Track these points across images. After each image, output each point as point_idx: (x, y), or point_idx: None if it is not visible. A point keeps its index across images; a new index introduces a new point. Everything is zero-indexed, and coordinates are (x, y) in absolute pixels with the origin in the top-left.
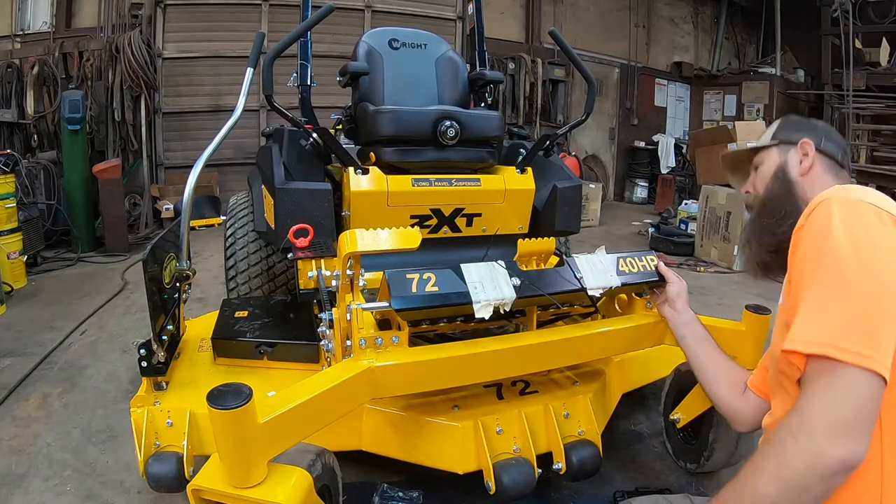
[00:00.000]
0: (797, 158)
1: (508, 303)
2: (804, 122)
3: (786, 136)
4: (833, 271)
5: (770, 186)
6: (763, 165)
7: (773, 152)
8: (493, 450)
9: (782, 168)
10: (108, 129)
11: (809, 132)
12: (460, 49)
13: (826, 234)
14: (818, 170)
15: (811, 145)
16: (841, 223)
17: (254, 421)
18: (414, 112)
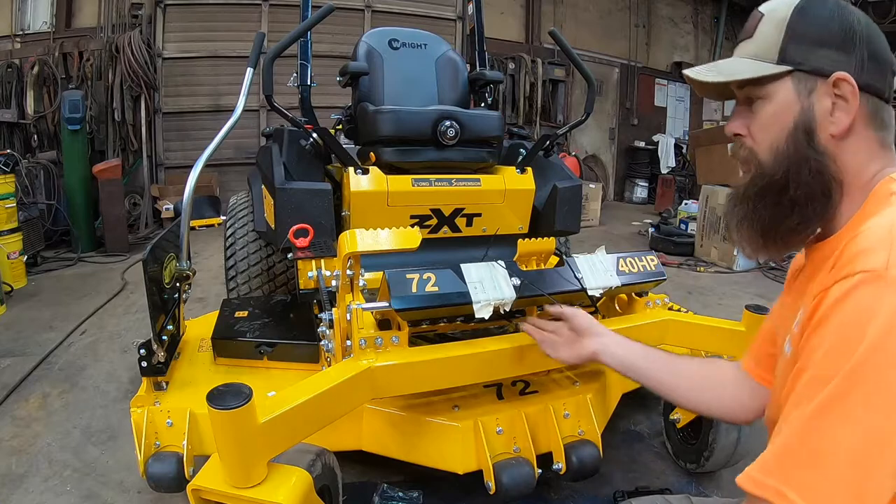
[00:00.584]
0: (827, 105)
1: (508, 303)
2: (833, 20)
3: (806, 57)
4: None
5: (779, 152)
6: (767, 106)
7: (784, 86)
8: (493, 450)
9: (804, 123)
10: (108, 129)
11: (844, 47)
12: (460, 49)
13: (865, 350)
14: (861, 126)
15: (851, 82)
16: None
17: (254, 421)
18: (414, 112)
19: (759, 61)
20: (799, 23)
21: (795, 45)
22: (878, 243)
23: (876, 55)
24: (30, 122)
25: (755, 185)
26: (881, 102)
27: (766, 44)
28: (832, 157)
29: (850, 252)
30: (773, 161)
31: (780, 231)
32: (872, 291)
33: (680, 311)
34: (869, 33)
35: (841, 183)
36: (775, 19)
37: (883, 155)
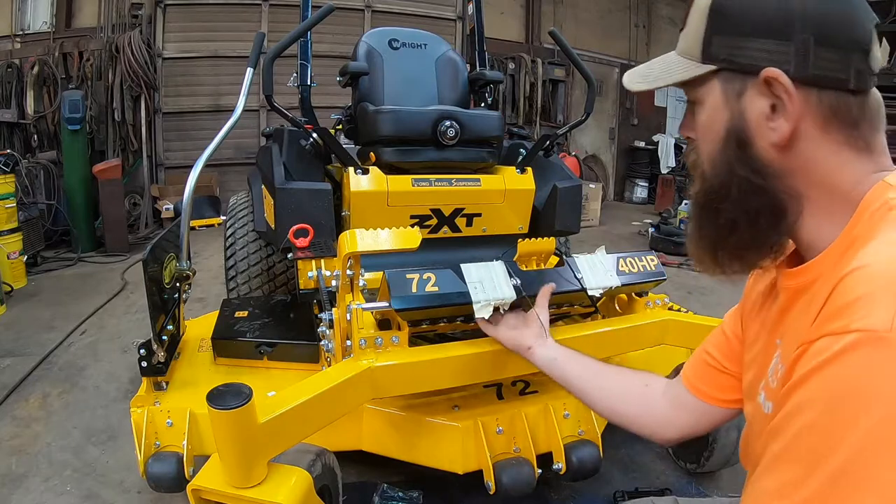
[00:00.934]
0: (763, 108)
1: (508, 303)
2: (765, 2)
3: (732, 52)
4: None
5: (716, 163)
6: (701, 111)
7: (712, 88)
8: (493, 450)
9: (735, 132)
10: (108, 129)
11: (780, 35)
12: (460, 49)
13: (856, 448)
14: (815, 129)
15: (782, 79)
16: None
17: (254, 421)
18: (414, 112)
19: (685, 59)
20: (722, 8)
21: (719, 37)
22: (880, 290)
23: (828, 38)
24: (30, 122)
25: (700, 196)
26: (847, 96)
27: (692, 37)
28: (778, 171)
29: (842, 297)
30: (712, 172)
31: (727, 250)
32: (871, 360)
33: (680, 311)
34: (818, 8)
35: (800, 197)
36: (700, 5)
37: (863, 158)
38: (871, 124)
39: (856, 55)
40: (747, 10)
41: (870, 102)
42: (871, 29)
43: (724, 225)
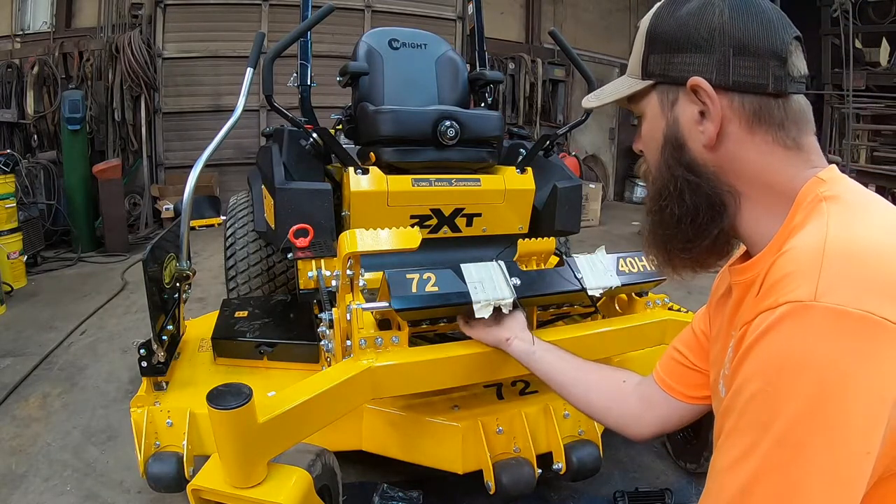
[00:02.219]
0: (694, 114)
1: (508, 303)
2: (689, 21)
3: (665, 66)
4: (779, 486)
5: (659, 168)
6: (643, 123)
7: (651, 100)
8: (493, 450)
9: (671, 138)
10: (108, 129)
11: (702, 48)
12: (460, 49)
13: (793, 414)
14: (742, 130)
15: (703, 86)
16: (816, 382)
17: (254, 421)
18: (414, 112)
19: (630, 78)
20: (656, 32)
21: (655, 56)
22: (805, 266)
23: (746, 47)
24: (30, 122)
25: (650, 201)
26: (768, 99)
27: (635, 59)
28: (712, 169)
29: (773, 276)
30: (657, 176)
31: (676, 248)
32: (799, 328)
33: (680, 311)
34: (735, 24)
35: (736, 193)
36: (641, 31)
37: (793, 155)
38: (798, 125)
39: (772, 62)
40: (675, 30)
41: (793, 105)
42: (788, 41)
43: (668, 221)
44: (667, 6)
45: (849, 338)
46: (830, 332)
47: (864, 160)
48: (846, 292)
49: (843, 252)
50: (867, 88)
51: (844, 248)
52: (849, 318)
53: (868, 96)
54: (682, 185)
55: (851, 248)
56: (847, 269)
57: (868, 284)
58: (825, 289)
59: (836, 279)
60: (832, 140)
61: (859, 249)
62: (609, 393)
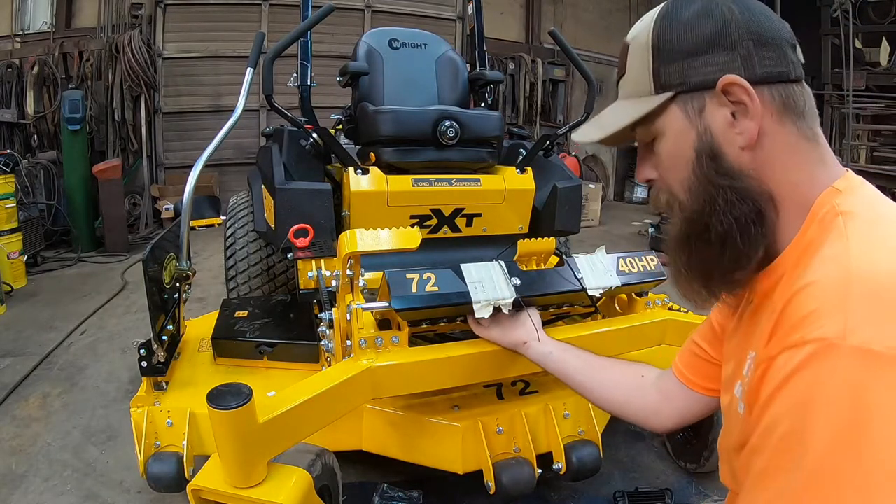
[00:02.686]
0: (726, 117)
1: (508, 303)
2: (700, 21)
3: (684, 74)
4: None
5: (692, 187)
6: (664, 142)
7: (672, 115)
8: (493, 450)
9: (706, 148)
10: (108, 129)
11: (723, 46)
12: (460, 49)
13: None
14: (775, 125)
15: (741, 82)
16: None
17: (254, 421)
18: (414, 112)
19: (637, 98)
20: (663, 40)
21: (667, 65)
22: (830, 303)
23: (763, 38)
24: (30, 122)
25: (682, 229)
26: (789, 86)
27: (638, 76)
28: (752, 172)
29: (796, 313)
30: (691, 199)
31: (720, 273)
32: (828, 368)
33: (680, 311)
34: (748, 18)
35: (772, 198)
36: (639, 46)
37: (814, 150)
38: (812, 113)
39: (788, 49)
40: (687, 34)
41: (807, 91)
42: (789, 29)
43: (716, 242)
44: (665, 16)
45: (876, 378)
46: (859, 372)
47: (864, 160)
48: (873, 330)
49: (867, 286)
50: (867, 88)
51: (869, 280)
52: (877, 359)
53: (868, 96)
54: (730, 196)
55: (876, 280)
56: (873, 304)
57: (894, 318)
58: (853, 327)
59: (862, 316)
60: (832, 140)
61: (884, 281)
62: (628, 388)
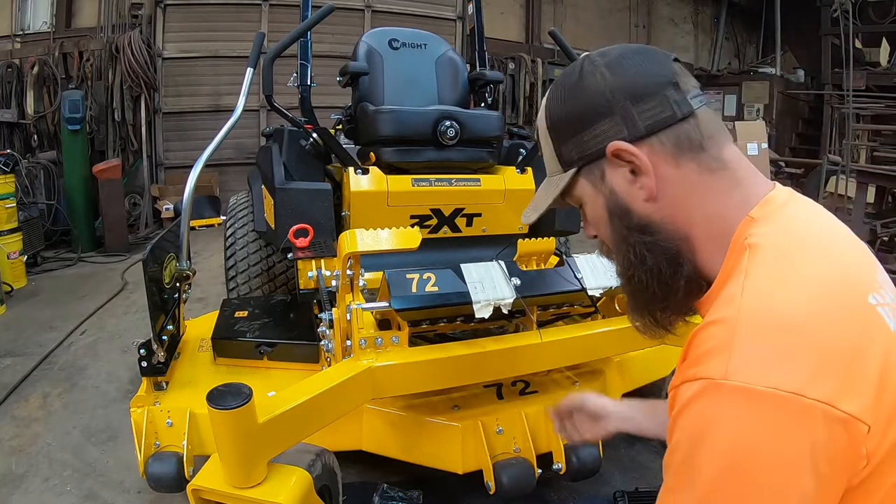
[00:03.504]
0: (626, 176)
1: (508, 303)
2: (575, 99)
3: (577, 149)
4: None
5: (614, 243)
6: (585, 208)
7: (582, 185)
8: (493, 450)
9: (614, 209)
10: (108, 129)
11: (602, 115)
12: (460, 49)
13: (704, 489)
14: (671, 170)
15: (623, 146)
16: (719, 456)
17: (254, 421)
18: (414, 112)
19: (553, 177)
20: (554, 122)
21: (565, 145)
22: (719, 343)
23: (639, 93)
24: (30, 122)
25: (620, 276)
26: (679, 126)
27: (548, 157)
28: (662, 220)
29: (697, 349)
30: (617, 251)
31: (656, 310)
32: (710, 406)
33: None
34: (619, 78)
35: (687, 237)
36: (542, 132)
37: (721, 179)
38: (714, 139)
39: (668, 90)
40: (570, 112)
41: (702, 120)
42: (669, 65)
43: (639, 288)
44: (551, 99)
45: (754, 415)
46: (737, 411)
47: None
48: (753, 370)
49: (753, 326)
50: (867, 88)
51: (754, 321)
52: (754, 397)
53: (868, 96)
54: (640, 250)
55: (761, 320)
56: (756, 344)
57: (776, 358)
58: (734, 368)
59: (744, 357)
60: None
61: (770, 321)
62: None
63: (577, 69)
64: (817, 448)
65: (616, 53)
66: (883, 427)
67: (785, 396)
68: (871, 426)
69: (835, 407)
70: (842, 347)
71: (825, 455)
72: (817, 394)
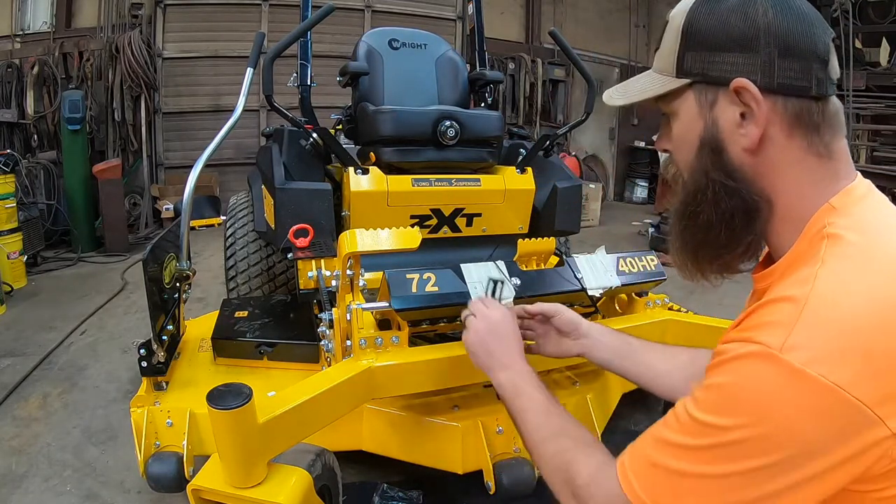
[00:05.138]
0: (734, 116)
1: (509, 302)
2: (731, 19)
3: (704, 66)
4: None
5: (694, 170)
6: (676, 123)
7: (687, 100)
8: (493, 450)
9: (710, 140)
10: (108, 129)
11: (747, 48)
12: (460, 49)
13: (728, 420)
14: (781, 135)
15: (750, 88)
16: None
17: (254, 421)
18: (414, 112)
19: (661, 75)
20: (693, 28)
21: (692, 53)
22: (783, 320)
23: (791, 48)
24: (30, 122)
25: (680, 206)
26: (809, 102)
27: (667, 55)
28: (751, 173)
29: (759, 318)
30: (691, 180)
31: (705, 253)
32: (760, 371)
33: (680, 311)
34: (780, 24)
35: (770, 201)
36: (673, 26)
37: (822, 166)
38: (832, 129)
39: (816, 65)
40: (716, 28)
41: (829, 108)
42: (828, 42)
43: (702, 226)
44: (702, 3)
45: (797, 394)
46: (783, 385)
47: (864, 160)
48: (808, 353)
49: (818, 313)
50: (867, 88)
51: (821, 309)
52: (803, 378)
53: (868, 96)
54: (719, 190)
55: (827, 311)
56: (816, 330)
57: (831, 350)
58: (791, 345)
59: (803, 338)
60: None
61: (834, 314)
62: (674, 375)
63: None
64: (837, 438)
65: (790, 0)
66: None
67: (830, 387)
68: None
69: (870, 408)
70: (893, 357)
71: (841, 448)
72: (859, 393)
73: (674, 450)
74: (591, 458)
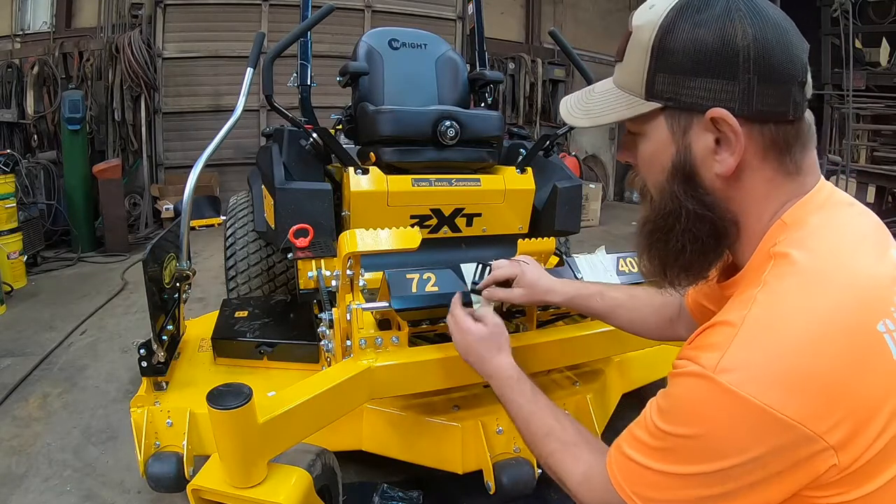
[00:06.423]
0: (709, 143)
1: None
2: (708, 40)
3: (677, 90)
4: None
5: (664, 191)
6: (645, 143)
7: (658, 124)
8: (493, 450)
9: (682, 166)
10: (108, 129)
11: (725, 73)
12: (460, 49)
13: (672, 427)
14: (756, 160)
15: (729, 119)
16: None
17: (254, 421)
18: (414, 112)
19: (628, 94)
20: (665, 47)
21: (664, 76)
22: (720, 341)
23: (770, 74)
24: (30, 122)
25: (649, 220)
26: (785, 125)
27: (633, 73)
28: (722, 196)
29: (706, 337)
30: (660, 200)
31: (674, 270)
32: (695, 388)
33: None
34: (760, 47)
35: (736, 222)
36: (641, 41)
37: (789, 183)
38: (803, 146)
39: (794, 88)
40: (691, 49)
41: (802, 126)
42: (805, 61)
43: (672, 249)
44: (679, 18)
45: (731, 413)
46: (719, 404)
47: (864, 160)
48: (739, 375)
49: (750, 338)
50: (867, 88)
51: (754, 334)
52: (733, 397)
53: (868, 96)
54: (691, 217)
55: (760, 336)
56: (748, 354)
57: (761, 373)
58: (723, 367)
59: (734, 361)
60: (832, 140)
61: (767, 339)
62: (636, 312)
63: (722, 8)
64: (775, 452)
65: (767, 16)
66: (862, 445)
67: (761, 406)
68: (835, 447)
69: (803, 426)
70: (825, 376)
71: (780, 460)
72: (790, 412)
73: (641, 446)
74: (578, 459)
